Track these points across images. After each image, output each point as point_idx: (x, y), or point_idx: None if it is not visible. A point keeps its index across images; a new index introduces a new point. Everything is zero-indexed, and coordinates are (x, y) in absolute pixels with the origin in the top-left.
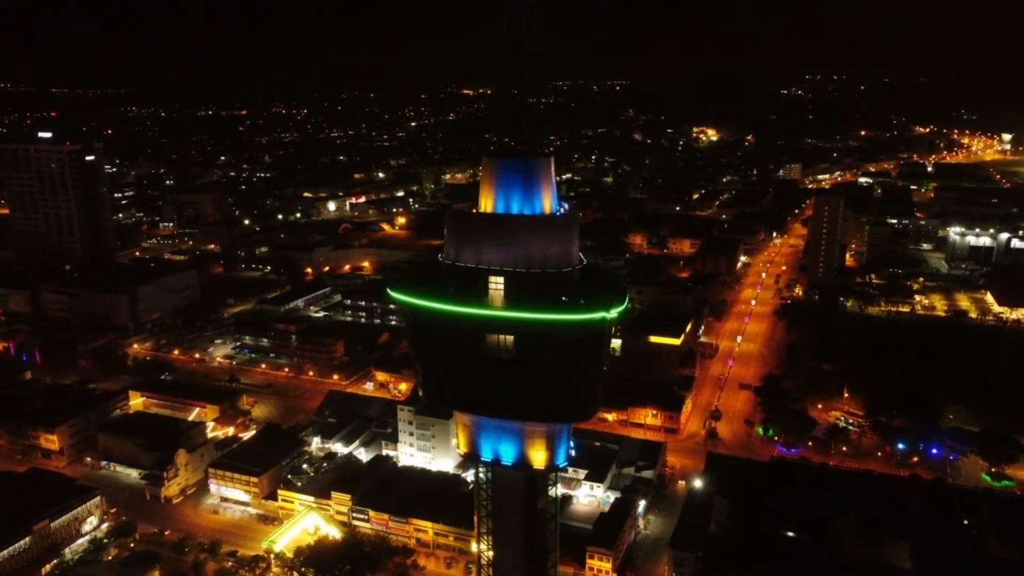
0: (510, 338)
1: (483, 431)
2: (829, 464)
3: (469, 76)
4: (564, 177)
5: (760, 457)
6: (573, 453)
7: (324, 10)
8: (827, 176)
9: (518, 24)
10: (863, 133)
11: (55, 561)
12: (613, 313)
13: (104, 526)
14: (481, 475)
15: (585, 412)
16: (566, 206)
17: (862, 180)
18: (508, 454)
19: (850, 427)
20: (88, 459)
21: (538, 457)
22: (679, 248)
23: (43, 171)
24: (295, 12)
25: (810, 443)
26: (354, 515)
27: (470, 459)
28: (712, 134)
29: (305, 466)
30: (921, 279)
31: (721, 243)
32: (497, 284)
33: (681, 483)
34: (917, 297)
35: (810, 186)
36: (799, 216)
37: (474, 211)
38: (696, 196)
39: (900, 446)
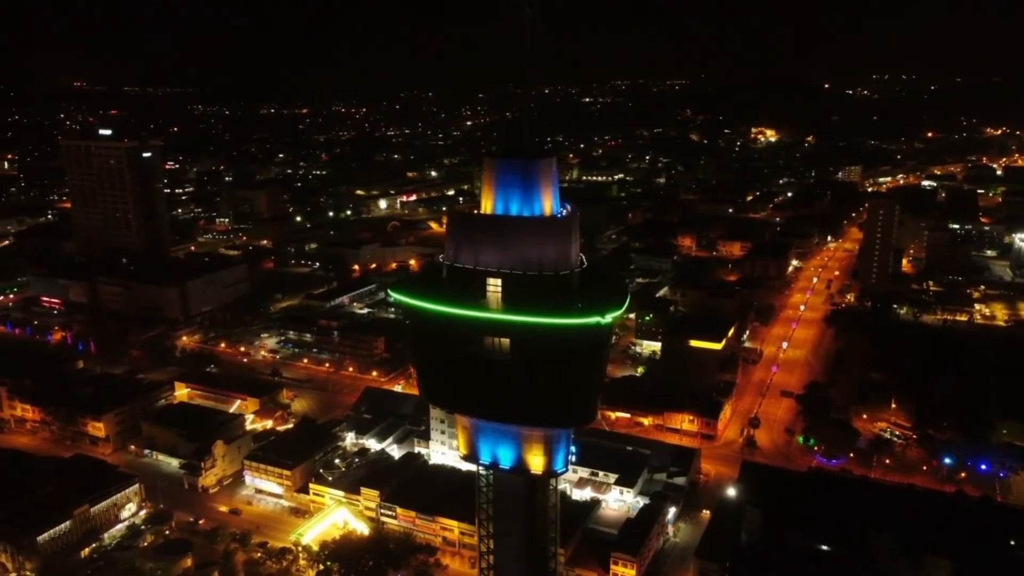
0: (506, 341)
1: (482, 434)
2: (870, 477)
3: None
4: (616, 177)
5: (798, 467)
6: (573, 458)
7: (387, 9)
8: (889, 179)
9: (519, 22)
10: (930, 134)
11: (94, 545)
12: (608, 318)
13: (142, 513)
14: (482, 478)
15: (581, 417)
16: (568, 208)
17: (925, 183)
18: (506, 458)
19: (895, 439)
20: (132, 447)
21: (536, 462)
22: (729, 251)
23: (103, 167)
24: (359, 11)
25: (852, 454)
26: (382, 511)
27: (469, 461)
28: (771, 135)
29: (337, 461)
30: (982, 287)
31: (772, 246)
32: (495, 286)
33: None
34: (977, 306)
35: (870, 189)
36: (856, 220)
37: (475, 212)
38: (750, 198)
39: (947, 461)
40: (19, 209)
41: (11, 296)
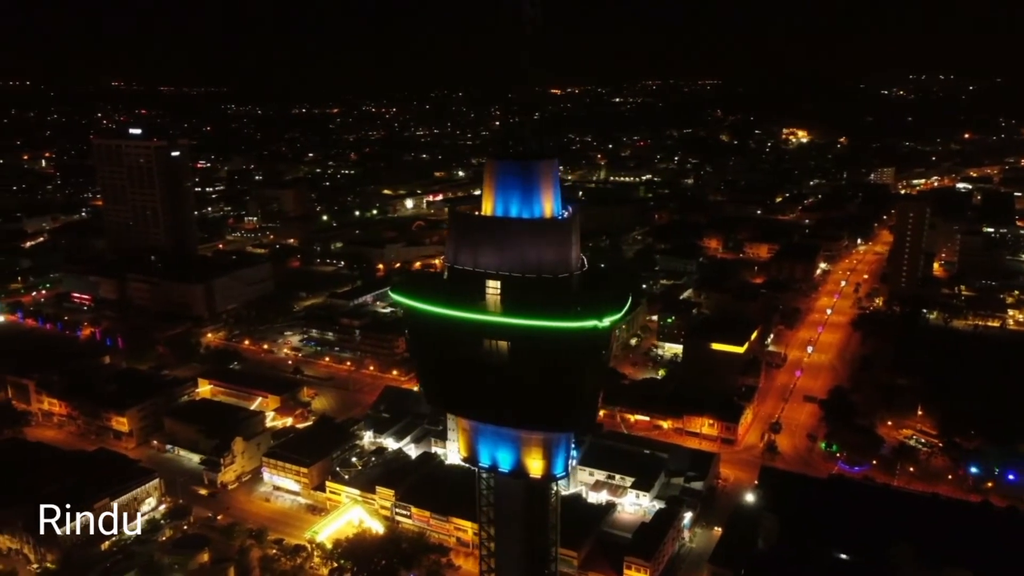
0: (504, 343)
1: (481, 436)
2: (892, 485)
3: (558, 75)
4: (644, 178)
5: (819, 473)
6: (574, 463)
7: (419, 8)
8: (923, 181)
9: (518, 21)
10: (967, 136)
11: (115, 538)
12: (606, 322)
13: (161, 508)
14: (483, 480)
15: (579, 422)
16: (568, 210)
17: (960, 186)
18: (505, 461)
19: (920, 447)
20: (155, 442)
21: (535, 466)
22: (756, 253)
23: (133, 165)
24: (391, 10)
25: (875, 461)
26: (397, 510)
27: (469, 464)
28: (803, 136)
29: (354, 459)
30: (1016, 292)
31: (800, 249)
32: (494, 288)
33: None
34: (1011, 311)
35: (903, 191)
36: (888, 222)
37: (476, 213)
38: (779, 199)
39: (973, 470)
40: (54, 206)
41: (44, 292)
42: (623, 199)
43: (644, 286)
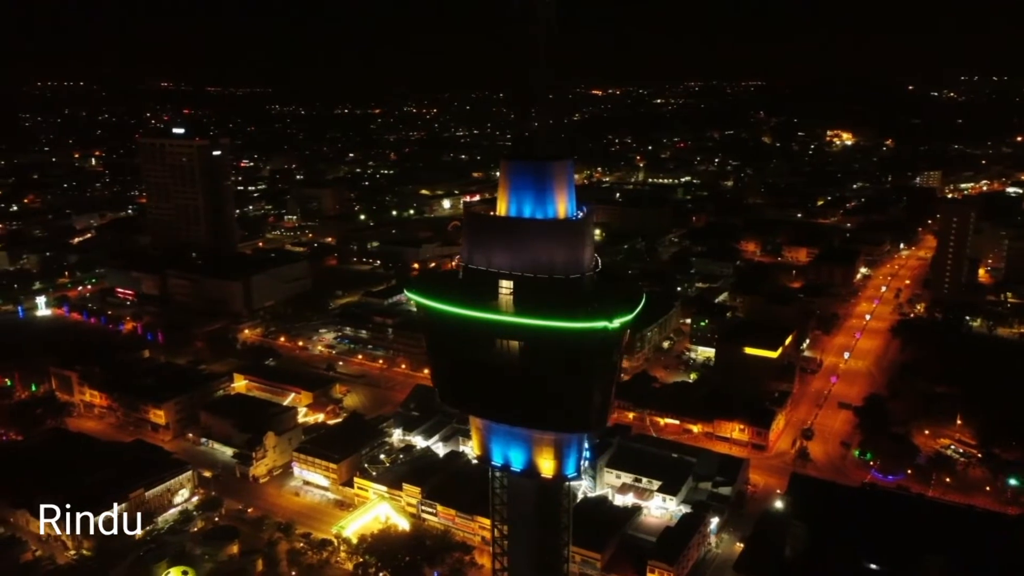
0: (516, 343)
1: (494, 436)
2: (927, 495)
3: (599, 76)
4: (682, 180)
5: (852, 482)
6: (586, 464)
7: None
8: (971, 184)
9: (531, 21)
10: (1019, 139)
11: (149, 527)
12: (616, 323)
13: (195, 499)
14: (496, 480)
15: (590, 423)
16: (582, 211)
17: (1011, 190)
18: (517, 460)
19: (958, 457)
20: (190, 435)
21: (546, 466)
22: (794, 256)
23: (175, 164)
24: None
25: (909, 471)
26: (423, 508)
27: (482, 463)
28: (847, 138)
29: (383, 456)
30: None
31: (840, 253)
32: (506, 288)
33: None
34: None
35: (949, 195)
36: (933, 227)
37: (490, 213)
38: (820, 203)
39: (1012, 482)
40: (102, 203)
41: (89, 287)
42: (660, 201)
43: (679, 289)
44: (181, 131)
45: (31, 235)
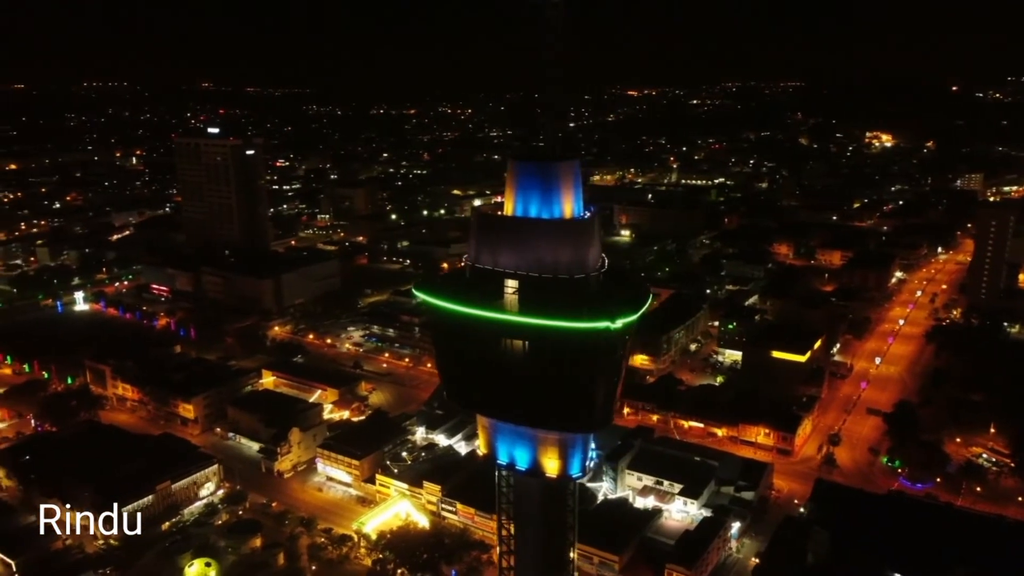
0: (520, 343)
1: (500, 434)
2: (956, 504)
3: (637, 77)
4: (716, 181)
5: (879, 489)
6: (591, 465)
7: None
8: (1015, 187)
9: (539, 22)
10: None
11: (174, 519)
12: (619, 324)
13: (220, 492)
14: (502, 479)
15: (593, 423)
16: (589, 211)
17: None
18: (522, 459)
19: (990, 466)
20: (218, 429)
21: (551, 465)
22: (828, 260)
23: (210, 163)
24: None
25: (939, 479)
26: (442, 506)
27: (488, 461)
28: (887, 140)
29: (404, 454)
30: None
31: (874, 256)
32: (511, 288)
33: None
34: None
35: (991, 198)
36: (972, 230)
37: (498, 213)
38: (857, 205)
39: None
40: (141, 201)
41: (126, 283)
42: (693, 202)
43: (708, 291)
44: (216, 131)
45: (72, 232)
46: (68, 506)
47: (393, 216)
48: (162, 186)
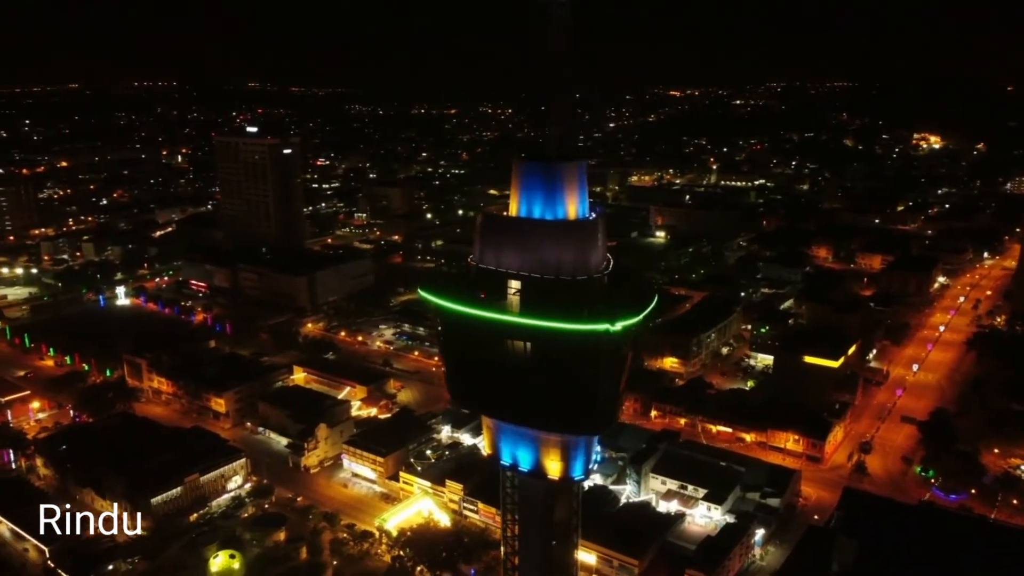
0: (522, 344)
1: (503, 435)
2: (990, 517)
3: (679, 77)
4: (756, 183)
5: (911, 499)
6: (594, 467)
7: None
8: None
9: (545, 20)
10: None
11: (202, 511)
12: (618, 326)
13: (247, 486)
14: (507, 479)
15: (595, 426)
16: (594, 213)
17: None
18: (525, 460)
19: None
20: (249, 424)
21: (553, 467)
22: (868, 264)
23: (248, 162)
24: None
25: (974, 491)
26: (464, 505)
27: (492, 461)
28: (935, 141)
29: (429, 452)
30: None
31: (916, 260)
32: (514, 288)
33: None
34: None
35: None
36: (1020, 235)
37: (503, 214)
38: (901, 208)
39: None
40: (184, 199)
41: (166, 279)
42: (730, 204)
43: (743, 294)
44: (254, 130)
45: (117, 228)
46: (102, 495)
47: (429, 215)
48: (205, 184)
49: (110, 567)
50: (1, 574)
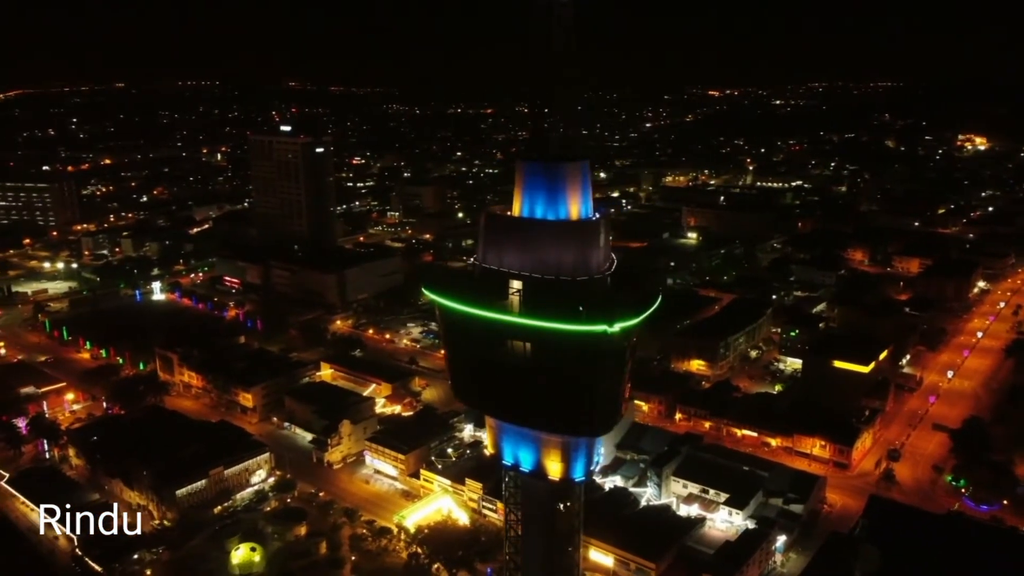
0: (521, 344)
1: (505, 435)
2: (1021, 529)
3: (718, 76)
4: (793, 184)
5: (940, 509)
6: (596, 469)
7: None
8: None
9: (548, 18)
10: None
11: (226, 504)
12: (616, 327)
13: (271, 480)
14: (510, 479)
15: (594, 428)
16: (597, 214)
17: None
18: (526, 460)
19: None
20: (275, 419)
21: (554, 468)
22: (905, 267)
23: (281, 160)
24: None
25: (1006, 501)
26: (483, 504)
27: (495, 460)
28: (980, 143)
29: (450, 450)
30: None
31: (955, 264)
32: (515, 288)
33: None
34: None
35: None
36: None
37: (506, 214)
38: (942, 211)
39: None
40: (221, 196)
41: (201, 275)
42: (764, 205)
43: (774, 296)
44: (288, 128)
45: (155, 225)
46: (130, 486)
47: (460, 214)
48: (243, 182)
49: (135, 556)
50: (31, 561)
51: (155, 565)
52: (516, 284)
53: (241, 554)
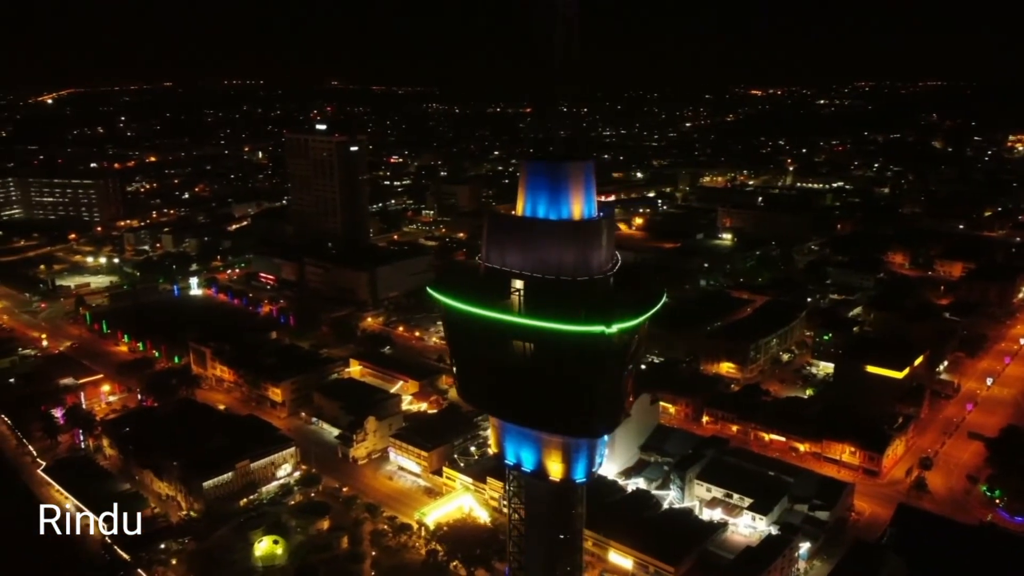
0: (521, 344)
1: (508, 435)
2: None
3: (763, 75)
4: (834, 185)
5: (973, 520)
6: (597, 470)
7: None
8: None
9: (551, 17)
10: None
11: (252, 496)
12: (614, 328)
13: (296, 474)
14: (513, 480)
15: (595, 428)
16: (601, 214)
17: None
18: (528, 460)
19: None
20: (303, 414)
21: (555, 468)
22: (947, 271)
23: (317, 159)
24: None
25: None
26: (504, 502)
27: (498, 460)
28: None
29: (473, 448)
30: None
31: (999, 268)
32: (517, 288)
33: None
34: None
35: None
36: None
37: (510, 213)
38: (988, 213)
39: None
40: (260, 194)
41: (237, 271)
42: (804, 206)
43: (809, 299)
44: (323, 127)
45: (195, 221)
46: (160, 477)
47: None
48: (282, 180)
49: (162, 546)
50: (62, 547)
51: (181, 555)
52: (517, 284)
53: (264, 546)
